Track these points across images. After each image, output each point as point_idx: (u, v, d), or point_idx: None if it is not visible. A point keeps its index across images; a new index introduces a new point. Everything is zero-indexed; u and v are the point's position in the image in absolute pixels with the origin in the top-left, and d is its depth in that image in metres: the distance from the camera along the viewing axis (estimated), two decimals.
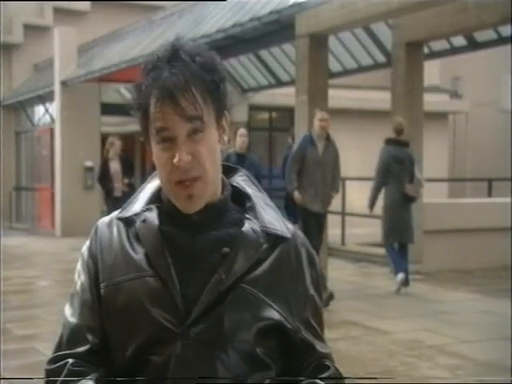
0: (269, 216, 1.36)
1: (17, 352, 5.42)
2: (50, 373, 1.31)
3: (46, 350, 5.32)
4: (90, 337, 1.31)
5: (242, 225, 1.32)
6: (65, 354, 1.31)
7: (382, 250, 9.74)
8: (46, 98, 16.23)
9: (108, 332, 1.30)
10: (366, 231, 11.45)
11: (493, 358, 5.27)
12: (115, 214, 1.40)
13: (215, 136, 1.30)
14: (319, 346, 1.36)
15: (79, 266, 1.38)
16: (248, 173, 1.45)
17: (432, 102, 14.16)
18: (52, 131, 15.77)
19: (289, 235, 1.35)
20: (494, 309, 7.00)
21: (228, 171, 1.41)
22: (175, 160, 1.24)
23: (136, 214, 1.35)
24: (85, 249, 1.38)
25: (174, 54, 1.28)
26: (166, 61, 1.27)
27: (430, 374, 4.84)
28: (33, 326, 6.42)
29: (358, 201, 10.35)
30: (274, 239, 1.33)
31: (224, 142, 1.33)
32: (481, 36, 9.77)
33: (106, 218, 1.40)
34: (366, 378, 1.12)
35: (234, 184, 1.39)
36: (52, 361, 1.32)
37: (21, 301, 7.62)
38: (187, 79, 1.24)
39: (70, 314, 1.35)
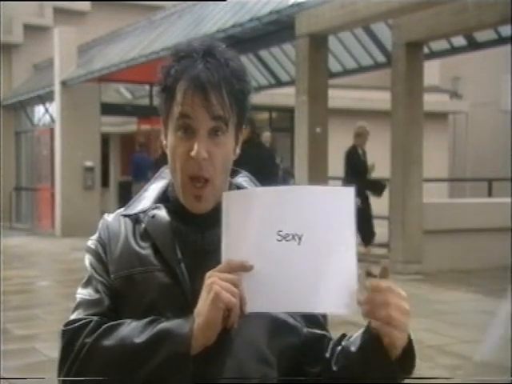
0: None
1: (17, 352, 5.40)
2: (71, 331, 1.24)
3: (46, 349, 5.32)
4: (106, 309, 1.28)
5: None
6: (84, 317, 1.27)
7: (383, 251, 9.76)
8: (46, 97, 16.22)
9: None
10: None
11: (493, 358, 5.26)
12: (119, 211, 1.41)
13: (232, 145, 1.32)
14: (328, 335, 1.37)
15: (89, 256, 1.35)
16: (248, 173, 1.46)
17: (432, 102, 14.17)
18: (52, 131, 15.77)
19: None
20: (494, 309, 6.98)
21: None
22: (193, 153, 1.25)
23: (142, 212, 1.36)
24: (93, 239, 1.37)
25: (209, 51, 1.30)
26: (201, 54, 1.29)
27: (430, 374, 4.84)
28: (33, 326, 6.40)
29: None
30: None
31: (236, 154, 1.35)
32: (481, 36, 9.76)
33: (112, 214, 1.41)
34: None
35: (237, 184, 1.41)
36: (70, 323, 1.26)
37: (21, 301, 7.60)
38: (220, 80, 1.26)
39: (85, 292, 1.31)
